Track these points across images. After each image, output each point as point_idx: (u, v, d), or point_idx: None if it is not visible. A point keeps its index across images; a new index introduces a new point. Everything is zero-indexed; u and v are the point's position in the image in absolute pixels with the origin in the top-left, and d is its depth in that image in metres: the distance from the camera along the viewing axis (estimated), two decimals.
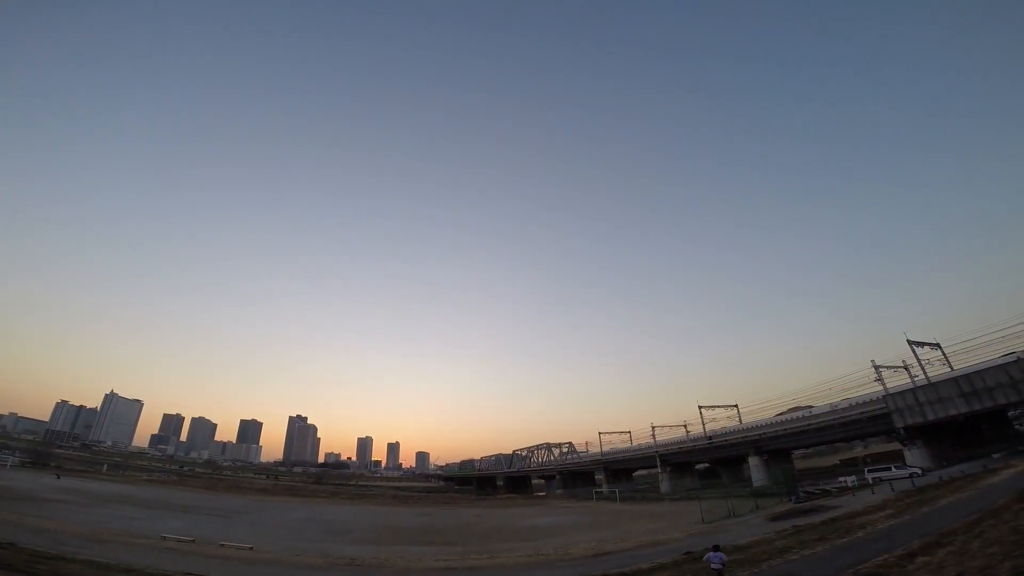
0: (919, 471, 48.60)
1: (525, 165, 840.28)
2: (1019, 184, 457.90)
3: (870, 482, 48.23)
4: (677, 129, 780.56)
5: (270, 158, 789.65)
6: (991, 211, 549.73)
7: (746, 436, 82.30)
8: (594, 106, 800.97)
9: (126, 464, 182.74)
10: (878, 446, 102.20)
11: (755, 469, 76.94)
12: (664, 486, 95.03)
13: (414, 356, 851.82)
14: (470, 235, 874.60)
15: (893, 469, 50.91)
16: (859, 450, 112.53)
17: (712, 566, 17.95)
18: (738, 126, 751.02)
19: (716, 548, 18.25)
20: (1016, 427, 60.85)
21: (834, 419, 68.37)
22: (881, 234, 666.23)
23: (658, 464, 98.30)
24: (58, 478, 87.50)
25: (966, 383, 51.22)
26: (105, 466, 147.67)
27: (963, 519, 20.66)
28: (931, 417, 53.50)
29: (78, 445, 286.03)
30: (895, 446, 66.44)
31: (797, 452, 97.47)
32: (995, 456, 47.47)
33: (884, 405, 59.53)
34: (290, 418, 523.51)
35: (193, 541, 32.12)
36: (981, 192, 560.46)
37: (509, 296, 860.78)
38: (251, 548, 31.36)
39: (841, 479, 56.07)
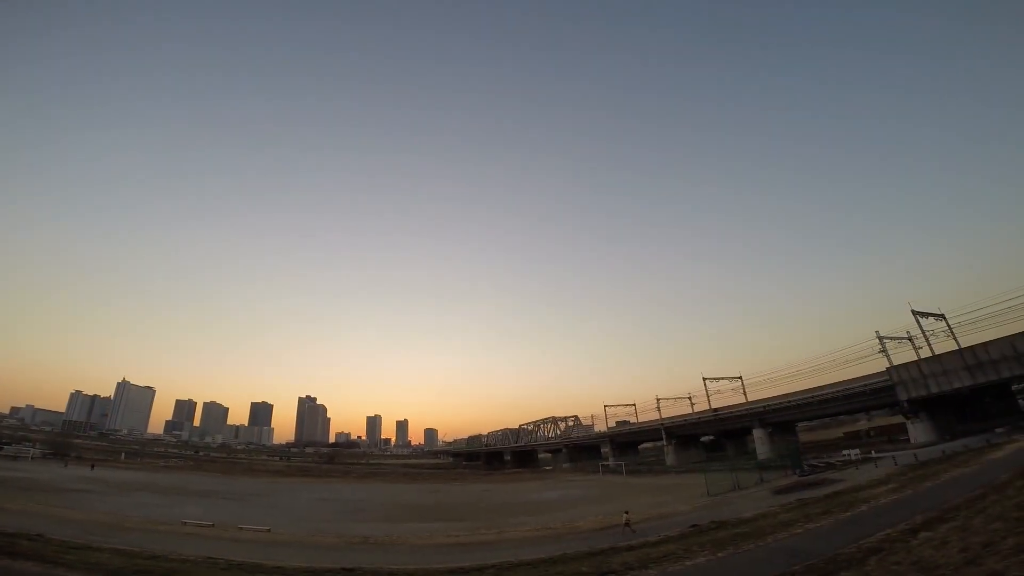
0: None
1: (532, 144, 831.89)
2: None
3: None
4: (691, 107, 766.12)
5: (273, 142, 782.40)
6: (999, 185, 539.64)
7: (751, 408, 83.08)
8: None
9: (143, 451, 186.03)
10: (882, 419, 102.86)
11: (759, 442, 77.66)
12: (669, 459, 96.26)
13: (422, 332, 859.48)
14: (475, 210, 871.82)
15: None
16: (863, 423, 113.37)
17: None
18: (754, 97, 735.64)
19: None
20: (1020, 401, 60.83)
21: (838, 391, 68.75)
22: (891, 205, 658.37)
23: (663, 437, 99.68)
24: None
25: (971, 356, 51.16)
26: (123, 454, 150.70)
27: (966, 494, 20.90)
28: (935, 390, 53.62)
29: (95, 434, 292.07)
30: (899, 419, 66.74)
31: (801, 425, 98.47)
32: (998, 431, 47.37)
33: (888, 377, 59.66)
34: (300, 399, 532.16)
35: (212, 526, 32.95)
36: (988, 167, 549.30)
37: (516, 271, 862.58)
38: (268, 530, 32.23)
39: (845, 452, 56.68)
